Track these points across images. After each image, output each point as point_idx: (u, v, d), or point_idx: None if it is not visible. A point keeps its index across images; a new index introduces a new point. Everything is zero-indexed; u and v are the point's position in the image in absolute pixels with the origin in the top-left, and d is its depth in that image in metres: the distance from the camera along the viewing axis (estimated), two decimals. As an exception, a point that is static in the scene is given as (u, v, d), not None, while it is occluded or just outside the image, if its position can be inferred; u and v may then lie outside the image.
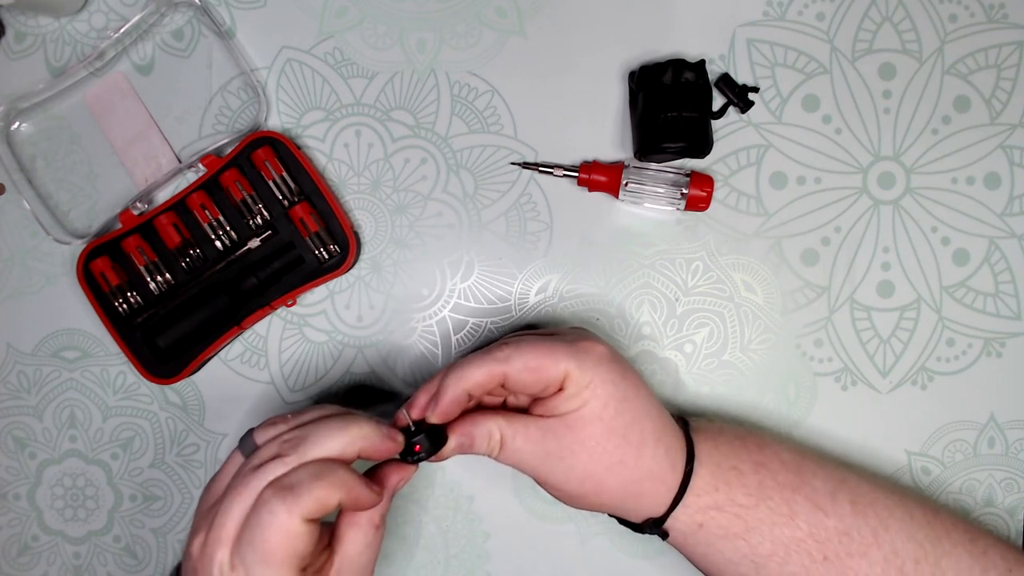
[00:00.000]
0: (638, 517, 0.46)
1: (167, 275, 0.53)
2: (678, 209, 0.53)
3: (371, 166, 0.55)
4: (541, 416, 0.44)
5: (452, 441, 0.43)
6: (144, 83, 0.55)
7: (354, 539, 0.40)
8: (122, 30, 0.52)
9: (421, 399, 0.43)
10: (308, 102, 0.54)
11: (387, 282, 0.55)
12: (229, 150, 0.53)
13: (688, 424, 0.48)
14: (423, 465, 0.47)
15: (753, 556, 0.44)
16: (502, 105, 0.54)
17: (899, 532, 0.45)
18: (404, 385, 0.55)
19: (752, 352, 0.54)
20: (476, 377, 0.42)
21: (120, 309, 0.52)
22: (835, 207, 0.54)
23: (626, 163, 0.53)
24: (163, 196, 0.55)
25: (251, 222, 0.53)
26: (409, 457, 0.42)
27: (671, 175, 0.52)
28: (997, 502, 0.54)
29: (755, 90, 0.53)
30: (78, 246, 0.53)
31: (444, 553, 0.56)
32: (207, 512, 0.39)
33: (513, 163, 0.54)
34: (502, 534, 0.55)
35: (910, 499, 0.47)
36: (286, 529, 0.36)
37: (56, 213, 0.55)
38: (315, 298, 0.55)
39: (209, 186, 0.53)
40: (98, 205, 0.55)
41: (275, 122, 0.55)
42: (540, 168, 0.54)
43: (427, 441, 0.42)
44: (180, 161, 0.55)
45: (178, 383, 0.55)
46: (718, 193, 0.54)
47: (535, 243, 0.54)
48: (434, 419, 0.43)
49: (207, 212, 0.53)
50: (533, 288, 0.55)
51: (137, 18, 0.52)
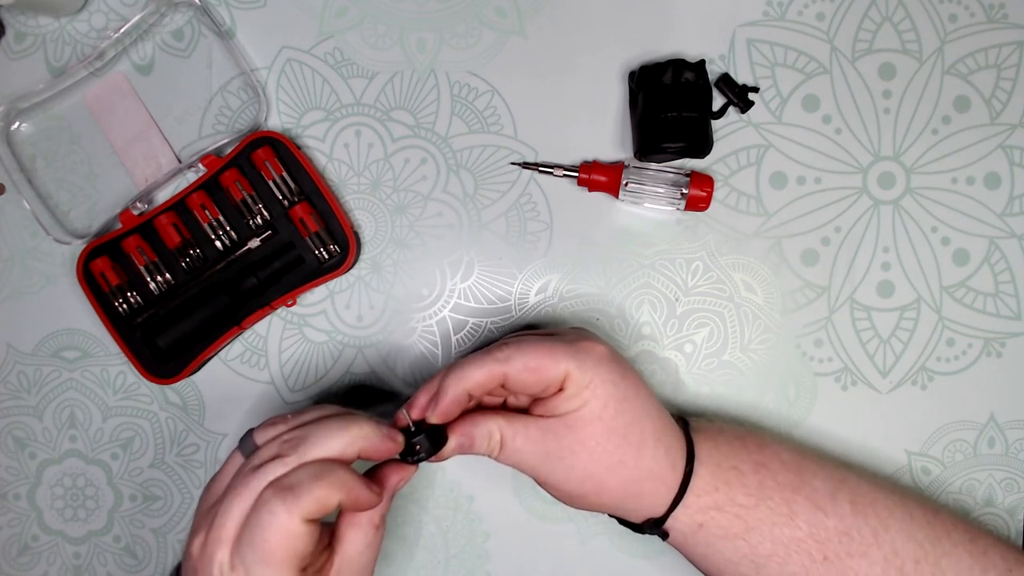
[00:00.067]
0: (638, 517, 0.46)
1: (167, 275, 0.53)
2: (678, 209, 0.53)
3: (371, 166, 0.55)
4: (541, 416, 0.44)
5: (452, 441, 0.43)
6: (144, 83, 0.55)
7: (354, 539, 0.40)
8: (122, 30, 0.52)
9: (421, 399, 0.43)
10: (308, 102, 0.54)
11: (387, 282, 0.55)
12: (229, 150, 0.53)
13: (688, 424, 0.48)
14: (423, 465, 0.47)
15: (753, 556, 0.44)
16: (502, 105, 0.54)
17: (899, 532, 0.45)
18: (404, 385, 0.55)
19: (752, 352, 0.54)
20: (476, 377, 0.42)
21: (120, 309, 0.52)
22: (835, 207, 0.54)
23: (626, 163, 0.53)
24: (163, 196, 0.55)
25: (251, 222, 0.53)
26: (409, 457, 0.42)
27: (671, 175, 0.52)
28: (997, 502, 0.54)
29: (755, 90, 0.53)
30: (78, 246, 0.53)
31: (444, 553, 0.56)
32: (207, 512, 0.39)
33: (513, 163, 0.54)
34: (502, 534, 0.55)
35: (910, 499, 0.47)
36: (286, 529, 0.36)
37: (56, 213, 0.55)
38: (315, 298, 0.55)
39: (209, 186, 0.53)
40: (98, 205, 0.55)
41: (275, 122, 0.55)
42: (540, 168, 0.54)
43: (427, 441, 0.42)
44: (180, 161, 0.55)
45: (178, 383, 0.55)
46: (718, 193, 0.54)
47: (535, 243, 0.54)
48: (434, 419, 0.43)
49: (207, 212, 0.53)
50: (533, 288, 0.55)
51: (137, 18, 0.52)
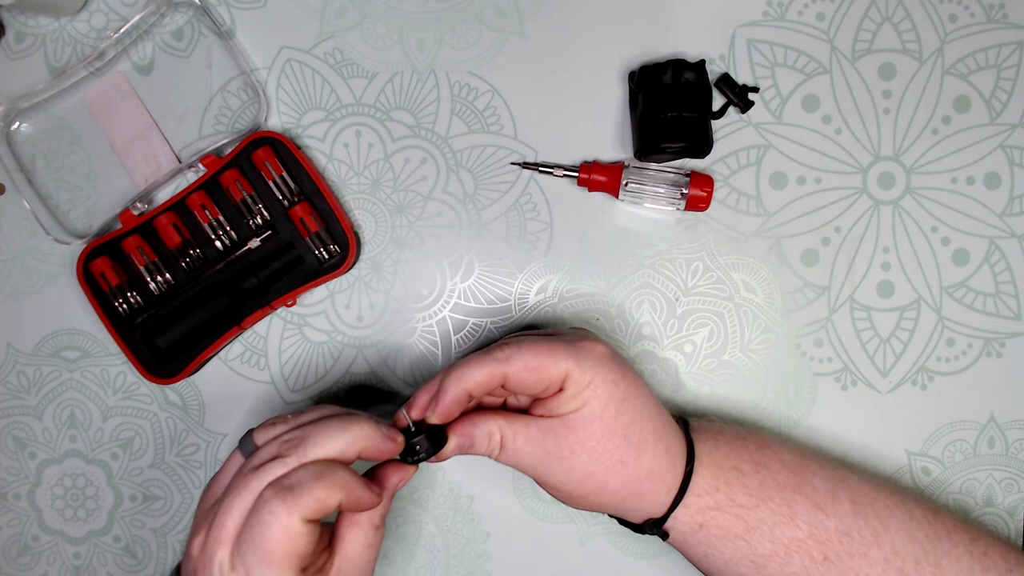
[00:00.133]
0: (638, 517, 0.46)
1: (167, 275, 0.53)
2: (678, 209, 0.53)
3: (371, 166, 0.54)
4: (541, 416, 0.44)
5: (452, 441, 0.43)
6: (144, 83, 0.55)
7: (354, 539, 0.40)
8: (122, 30, 0.52)
9: (421, 399, 0.43)
10: (308, 102, 0.54)
11: (387, 282, 0.55)
12: (229, 150, 0.53)
13: (688, 424, 0.48)
14: (423, 465, 0.47)
15: (753, 556, 0.44)
16: (502, 105, 0.54)
17: (899, 532, 0.45)
18: (404, 385, 0.55)
19: (752, 352, 0.54)
20: (476, 377, 0.42)
21: (120, 309, 0.52)
22: (835, 207, 0.54)
23: (626, 163, 0.53)
24: (163, 196, 0.55)
25: (251, 222, 0.53)
26: (409, 457, 0.42)
27: (671, 175, 0.52)
28: (997, 502, 0.54)
29: (755, 90, 0.53)
30: (78, 246, 0.53)
31: (444, 553, 0.56)
32: (207, 512, 0.39)
33: (513, 163, 0.54)
34: (502, 534, 0.55)
35: (910, 499, 0.47)
36: (286, 529, 0.36)
37: (56, 213, 0.55)
38: (315, 298, 0.55)
39: (209, 186, 0.53)
40: (98, 205, 0.55)
41: (275, 122, 0.55)
42: (540, 168, 0.54)
43: (427, 441, 0.42)
44: (180, 161, 0.55)
45: (178, 383, 0.55)
46: (718, 193, 0.54)
47: (535, 243, 0.54)
48: (434, 419, 0.42)
49: (207, 212, 0.53)
50: (533, 288, 0.55)
51: (137, 18, 0.52)
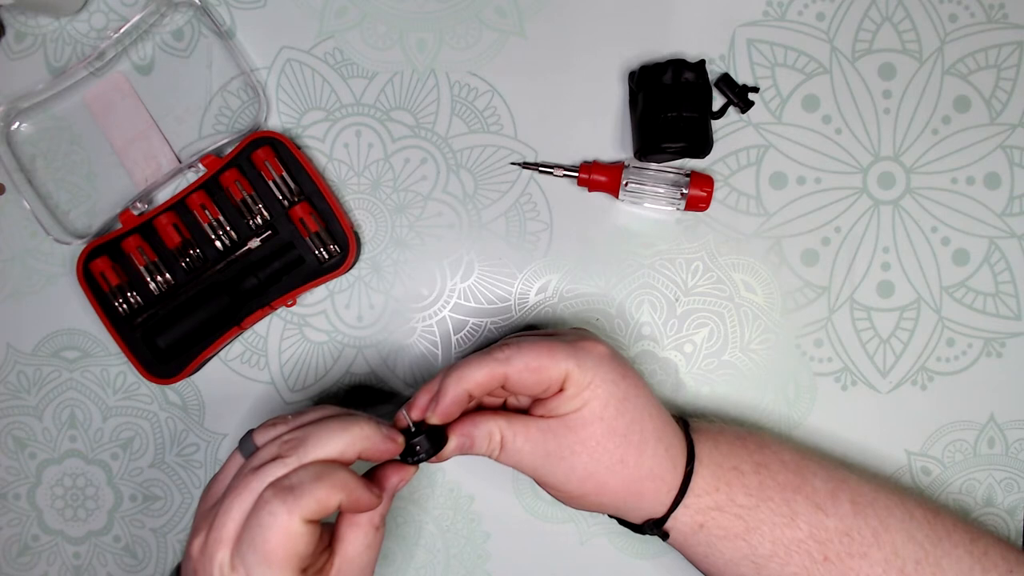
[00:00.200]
0: (638, 518, 0.46)
1: (167, 275, 0.53)
2: (678, 209, 0.53)
3: (371, 166, 0.54)
4: (542, 417, 0.44)
5: (452, 442, 0.43)
6: (144, 83, 0.55)
7: (354, 540, 0.40)
8: (122, 30, 0.52)
9: (421, 400, 0.43)
10: (308, 102, 0.54)
11: (387, 282, 0.55)
12: (229, 150, 0.53)
13: (688, 424, 0.48)
14: (423, 466, 0.47)
15: (754, 557, 0.44)
16: (502, 105, 0.54)
17: (899, 532, 0.45)
18: (404, 385, 0.55)
19: (752, 352, 0.54)
20: (477, 377, 0.42)
21: (120, 309, 0.52)
22: (835, 207, 0.54)
23: (626, 163, 0.53)
24: (163, 196, 0.55)
25: (251, 222, 0.53)
26: (409, 458, 0.42)
27: (671, 175, 0.52)
28: (997, 502, 0.54)
29: (755, 90, 0.53)
30: (78, 246, 0.53)
31: (444, 553, 0.56)
32: (207, 512, 0.39)
33: (513, 163, 0.54)
34: (502, 534, 0.55)
35: (910, 499, 0.47)
36: (286, 530, 0.36)
37: (56, 213, 0.55)
38: (315, 298, 0.55)
39: (209, 186, 0.53)
40: (98, 205, 0.55)
41: (275, 122, 0.55)
42: (540, 168, 0.53)
43: (427, 442, 0.42)
44: (180, 161, 0.55)
45: (178, 383, 0.55)
46: (718, 193, 0.54)
47: (535, 243, 0.54)
48: (434, 420, 0.42)
49: (207, 212, 0.53)
50: (533, 288, 0.55)
51: (137, 18, 0.52)
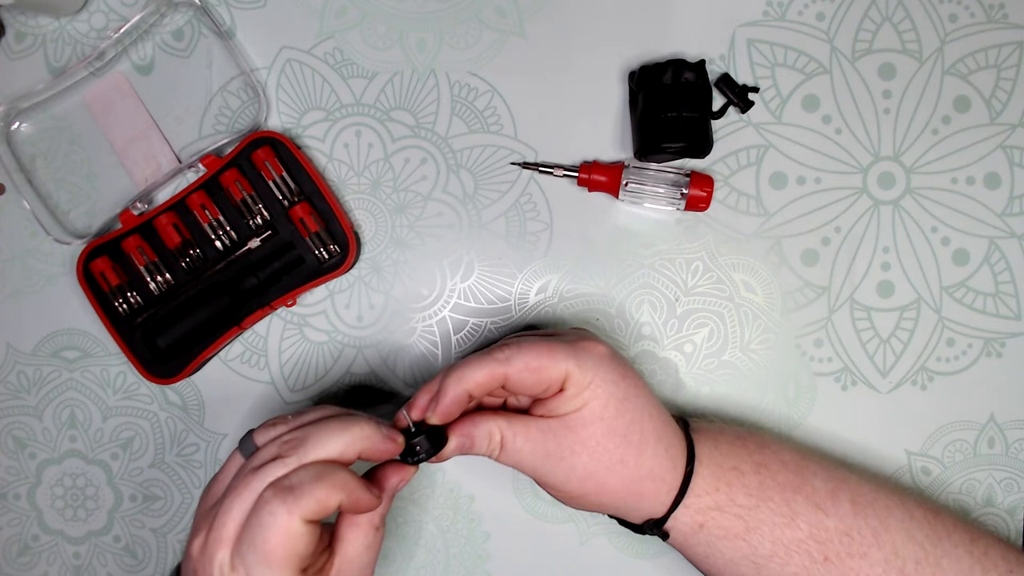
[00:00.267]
0: (638, 518, 0.46)
1: (167, 275, 0.53)
2: (678, 209, 0.53)
3: (371, 166, 0.54)
4: (542, 417, 0.44)
5: (452, 442, 0.43)
6: (144, 83, 0.55)
7: (354, 540, 0.40)
8: (122, 30, 0.52)
9: (421, 400, 0.43)
10: (308, 102, 0.54)
11: (387, 282, 0.55)
12: (229, 150, 0.53)
13: (688, 424, 0.48)
14: (423, 466, 0.47)
15: (754, 557, 0.44)
16: (502, 105, 0.54)
17: (899, 532, 0.45)
18: (404, 385, 0.55)
19: (752, 352, 0.54)
20: (477, 378, 0.42)
21: (120, 309, 0.52)
22: (835, 207, 0.54)
23: (626, 163, 0.53)
24: (163, 196, 0.55)
25: (251, 222, 0.53)
26: (409, 458, 0.42)
27: (671, 175, 0.52)
28: (997, 502, 0.54)
29: (755, 90, 0.53)
30: (78, 246, 0.53)
31: (444, 553, 0.56)
32: (207, 512, 0.39)
33: (513, 163, 0.54)
34: (502, 534, 0.55)
35: (910, 499, 0.47)
36: (286, 530, 0.36)
37: (56, 213, 0.55)
38: (315, 298, 0.55)
39: (209, 186, 0.53)
40: (98, 205, 0.55)
41: (275, 122, 0.55)
42: (540, 168, 0.53)
43: (427, 442, 0.42)
44: (180, 161, 0.55)
45: (178, 383, 0.55)
46: (718, 193, 0.54)
47: (535, 243, 0.54)
48: (434, 420, 0.42)
49: (207, 212, 0.53)
50: (533, 288, 0.55)
51: (137, 18, 0.52)
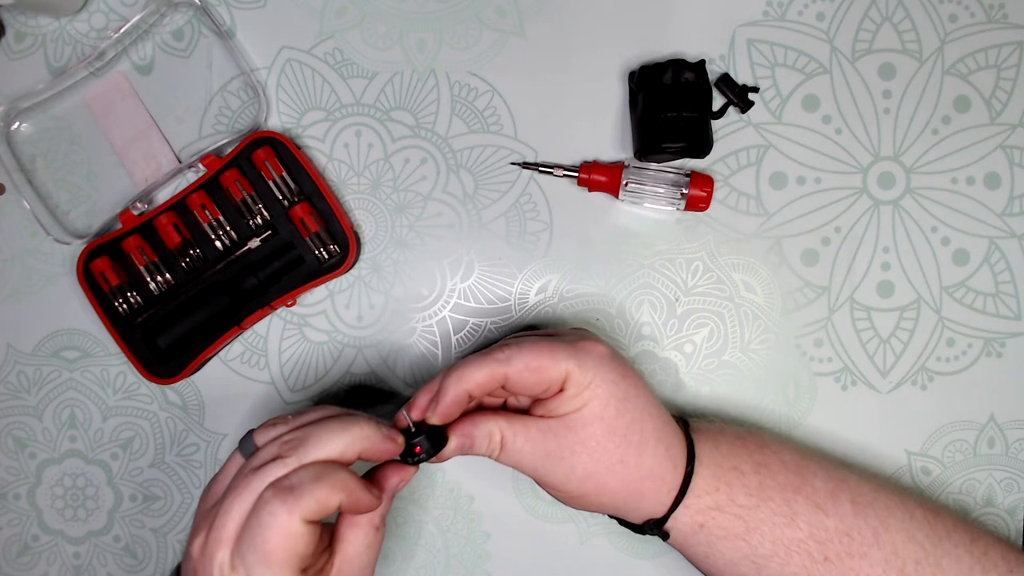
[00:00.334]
0: (639, 518, 0.46)
1: (167, 275, 0.53)
2: (678, 209, 0.53)
3: (371, 166, 0.54)
4: (542, 417, 0.44)
5: (452, 442, 0.43)
6: (144, 83, 0.55)
7: (354, 540, 0.40)
8: (122, 30, 0.52)
9: (421, 400, 0.43)
10: (308, 102, 0.54)
11: (387, 282, 0.55)
12: (229, 150, 0.53)
13: (688, 424, 0.48)
14: (423, 466, 0.47)
15: (754, 557, 0.44)
16: (502, 105, 0.54)
17: (900, 532, 0.45)
18: (404, 385, 0.55)
19: (752, 352, 0.54)
20: (477, 378, 0.42)
21: (120, 309, 0.52)
22: (835, 207, 0.54)
23: (626, 163, 0.53)
24: (163, 196, 0.55)
25: (251, 222, 0.53)
26: (409, 458, 0.42)
27: (671, 175, 0.52)
28: (997, 502, 0.54)
29: (755, 90, 0.53)
30: (78, 246, 0.53)
31: (444, 553, 0.56)
32: (207, 513, 0.39)
33: (513, 163, 0.54)
34: (502, 534, 0.55)
35: (910, 499, 0.47)
36: (286, 530, 0.36)
37: (56, 213, 0.55)
38: (315, 298, 0.55)
39: (209, 186, 0.53)
40: (98, 205, 0.55)
41: (275, 122, 0.55)
42: (540, 168, 0.53)
43: (427, 442, 0.42)
44: (180, 161, 0.55)
45: (178, 383, 0.55)
46: (718, 193, 0.54)
47: (535, 243, 0.54)
48: (434, 420, 0.42)
49: (207, 212, 0.53)
50: (533, 288, 0.55)
51: (137, 18, 0.52)
